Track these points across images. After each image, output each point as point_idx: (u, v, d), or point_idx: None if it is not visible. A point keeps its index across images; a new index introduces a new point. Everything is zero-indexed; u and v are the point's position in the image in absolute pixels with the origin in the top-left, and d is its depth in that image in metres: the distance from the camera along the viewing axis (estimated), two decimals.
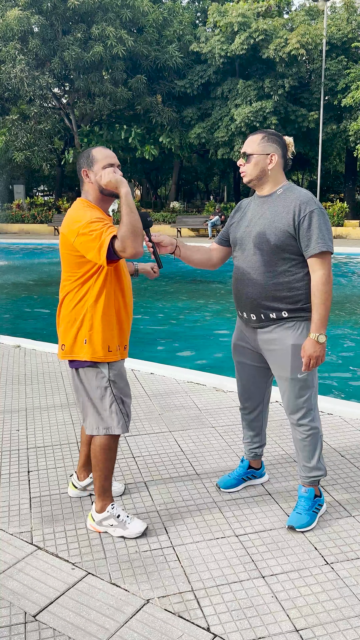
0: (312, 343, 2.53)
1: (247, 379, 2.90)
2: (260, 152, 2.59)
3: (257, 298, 2.63)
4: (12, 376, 4.98)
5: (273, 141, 2.61)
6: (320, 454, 2.74)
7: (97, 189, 2.52)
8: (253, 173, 2.62)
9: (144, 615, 2.14)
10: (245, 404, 2.96)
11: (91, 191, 2.54)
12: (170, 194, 31.47)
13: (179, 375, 4.93)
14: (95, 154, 2.53)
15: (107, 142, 25.16)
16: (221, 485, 3.03)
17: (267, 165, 2.60)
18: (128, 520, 2.64)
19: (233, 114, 23.22)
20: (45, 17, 22.42)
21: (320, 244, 2.49)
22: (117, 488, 3.02)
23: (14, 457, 3.45)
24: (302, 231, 2.51)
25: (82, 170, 2.54)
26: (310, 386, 2.65)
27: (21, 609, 2.17)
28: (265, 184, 2.64)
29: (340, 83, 23.01)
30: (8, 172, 32.04)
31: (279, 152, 2.61)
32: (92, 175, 2.51)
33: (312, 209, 2.50)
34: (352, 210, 26.29)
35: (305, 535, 2.65)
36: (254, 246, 2.62)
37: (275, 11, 24.48)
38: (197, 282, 12.68)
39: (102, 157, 2.51)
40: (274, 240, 2.54)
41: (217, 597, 2.24)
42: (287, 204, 2.55)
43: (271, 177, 2.63)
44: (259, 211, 2.65)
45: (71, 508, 2.88)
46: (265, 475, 3.15)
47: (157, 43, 24.29)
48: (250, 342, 2.78)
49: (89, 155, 2.53)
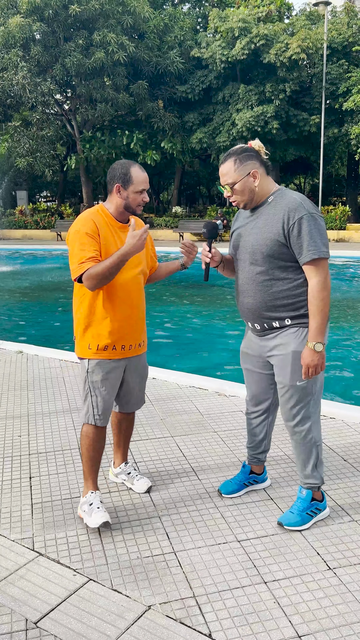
0: (309, 352, 2.50)
1: (255, 386, 2.88)
2: (242, 176, 2.54)
3: (258, 309, 2.63)
4: (15, 382, 4.98)
5: (246, 158, 2.53)
6: (315, 463, 2.71)
7: (122, 205, 2.71)
8: (244, 198, 2.58)
9: (146, 621, 2.13)
10: (252, 410, 2.94)
11: (116, 205, 2.72)
12: (173, 199, 31.51)
13: (181, 380, 4.92)
14: (134, 176, 2.67)
15: (109, 147, 25.23)
16: (223, 491, 3.02)
17: (253, 183, 2.55)
18: (95, 510, 2.75)
19: (234, 118, 23.26)
20: (47, 24, 22.54)
21: (312, 251, 2.44)
22: (140, 485, 3.09)
23: (15, 462, 3.45)
24: (292, 239, 2.47)
25: (115, 184, 2.68)
26: (309, 394, 2.62)
27: (22, 615, 2.17)
28: (258, 198, 2.60)
29: (341, 87, 23.04)
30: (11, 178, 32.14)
31: (256, 165, 2.55)
32: (123, 193, 2.68)
33: (300, 216, 2.44)
34: (354, 214, 26.28)
35: (307, 540, 2.63)
36: (249, 257, 2.61)
37: (275, 16, 24.53)
38: (199, 286, 12.68)
39: (139, 181, 2.68)
40: (266, 251, 2.53)
41: (219, 602, 2.23)
42: (277, 212, 2.51)
43: (259, 191, 2.58)
44: (253, 221, 2.63)
45: (73, 514, 2.87)
46: (267, 480, 3.13)
47: (159, 49, 24.38)
48: (256, 349, 2.77)
49: (127, 173, 2.67)
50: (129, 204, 2.70)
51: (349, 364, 6.54)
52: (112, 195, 2.72)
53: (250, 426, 2.98)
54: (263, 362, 2.78)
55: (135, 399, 3.04)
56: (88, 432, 2.82)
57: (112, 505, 2.95)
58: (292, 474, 3.26)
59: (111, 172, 2.71)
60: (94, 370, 2.77)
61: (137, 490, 3.07)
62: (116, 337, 2.76)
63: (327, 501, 2.95)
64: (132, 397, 3.02)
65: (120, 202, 2.71)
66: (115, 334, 2.75)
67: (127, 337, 2.80)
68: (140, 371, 2.98)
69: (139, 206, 2.73)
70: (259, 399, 2.89)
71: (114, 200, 2.72)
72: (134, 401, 3.05)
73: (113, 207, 2.74)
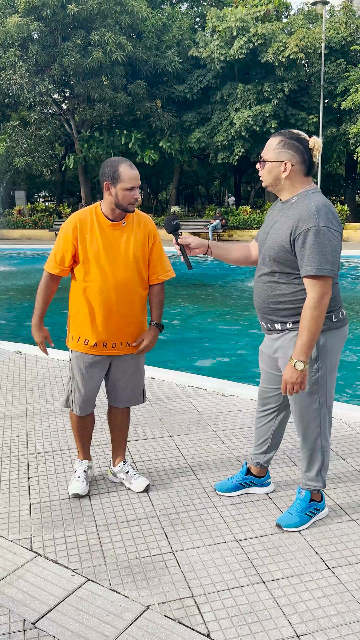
0: (289, 369, 2.42)
1: (264, 385, 2.86)
2: (274, 160, 2.47)
3: (263, 307, 2.62)
4: (13, 382, 4.97)
5: (289, 147, 2.43)
6: (320, 468, 2.69)
7: (113, 202, 2.75)
8: (267, 179, 2.52)
9: (144, 621, 2.13)
10: (260, 409, 2.93)
11: (107, 202, 2.78)
12: (171, 199, 31.50)
13: (179, 379, 4.92)
14: (123, 173, 2.69)
15: (107, 147, 25.21)
16: (217, 488, 3.03)
17: (281, 173, 2.46)
18: (75, 479, 3.06)
19: (233, 118, 23.26)
20: (45, 23, 22.51)
21: (309, 267, 2.33)
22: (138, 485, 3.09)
23: (14, 463, 3.44)
24: (297, 249, 2.39)
25: (104, 182, 2.72)
26: (315, 401, 2.57)
27: (20, 616, 2.16)
28: (282, 191, 2.53)
29: (339, 86, 23.04)
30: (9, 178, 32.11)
31: (295, 159, 2.43)
32: (112, 190, 2.72)
33: (308, 227, 2.33)
34: (352, 213, 26.29)
35: (306, 539, 2.63)
36: (262, 255, 2.60)
37: (273, 15, 24.53)
38: (197, 286, 12.68)
39: (128, 178, 2.70)
40: (273, 255, 2.50)
41: (217, 602, 2.23)
42: (291, 216, 2.43)
43: (286, 185, 2.49)
44: (274, 219, 2.58)
45: (71, 514, 2.87)
46: (269, 485, 3.07)
47: (157, 48, 24.37)
48: (268, 348, 2.75)
49: (116, 171, 2.70)
50: (118, 201, 2.73)
51: (348, 363, 6.54)
52: (105, 194, 2.78)
53: (257, 424, 2.96)
54: (273, 362, 2.75)
55: (123, 397, 3.06)
56: (72, 416, 3.08)
57: (110, 505, 2.95)
58: (291, 474, 3.26)
59: (101, 170, 2.76)
60: (74, 362, 2.94)
61: (134, 490, 3.07)
62: (96, 334, 2.86)
63: (326, 500, 2.94)
64: (118, 394, 3.05)
65: (110, 199, 2.75)
66: (95, 331, 2.86)
67: (109, 335, 2.87)
68: (124, 369, 2.99)
69: (131, 204, 2.75)
70: (266, 398, 2.87)
71: (106, 198, 2.78)
72: (121, 398, 3.06)
73: (106, 205, 2.80)
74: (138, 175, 2.74)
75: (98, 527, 2.75)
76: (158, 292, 2.99)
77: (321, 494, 2.80)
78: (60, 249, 2.82)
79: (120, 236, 2.83)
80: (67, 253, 2.81)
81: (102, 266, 2.79)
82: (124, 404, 3.08)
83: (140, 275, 2.90)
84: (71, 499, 3.00)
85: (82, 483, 3.03)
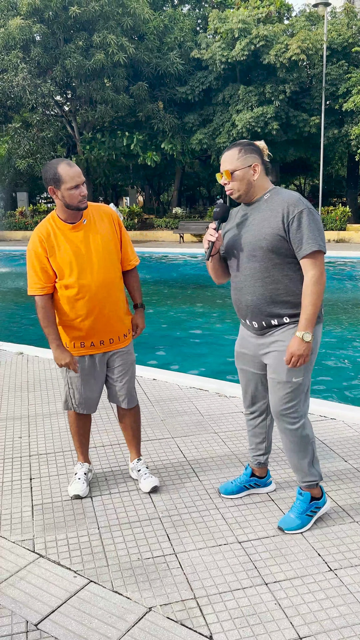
0: (297, 341, 2.49)
1: (250, 386, 2.87)
2: (243, 166, 2.55)
3: (258, 305, 2.61)
4: (15, 383, 4.98)
5: (250, 152, 2.56)
6: (311, 460, 2.70)
7: (63, 205, 2.74)
8: (241, 188, 2.59)
9: (146, 623, 2.12)
10: (248, 411, 2.94)
11: (59, 207, 2.78)
12: (173, 200, 31.50)
13: (181, 381, 4.92)
14: (63, 174, 2.67)
15: (109, 149, 25.24)
16: (221, 491, 3.02)
17: (252, 176, 2.57)
18: (75, 481, 3.06)
19: (234, 119, 23.26)
20: (47, 25, 22.55)
21: (311, 244, 2.45)
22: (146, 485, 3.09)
23: (16, 464, 3.45)
24: (292, 232, 2.48)
25: (48, 187, 2.72)
26: (302, 391, 2.63)
27: (23, 617, 2.16)
28: (254, 194, 2.62)
29: (341, 88, 23.03)
30: (11, 180, 32.15)
31: (259, 161, 2.58)
32: (58, 194, 2.71)
33: (300, 209, 2.47)
34: (354, 214, 26.27)
35: (308, 541, 2.63)
36: (247, 254, 2.60)
37: (275, 17, 24.54)
38: (198, 287, 12.68)
39: (69, 177, 2.67)
40: (266, 245, 2.52)
41: (219, 604, 2.22)
42: (275, 207, 2.53)
43: (257, 186, 2.60)
44: (247, 218, 2.63)
45: (73, 515, 2.87)
46: (271, 484, 3.10)
47: (158, 50, 24.39)
48: (252, 348, 2.76)
49: (56, 173, 2.68)
50: (67, 202, 2.71)
51: (348, 364, 6.53)
52: (54, 199, 2.78)
53: (249, 427, 2.97)
54: (258, 362, 2.76)
55: (121, 395, 3.07)
56: (70, 415, 3.11)
57: (112, 506, 2.95)
58: (292, 474, 3.25)
59: (43, 177, 2.75)
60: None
61: (142, 489, 3.08)
62: (88, 335, 2.87)
63: (328, 501, 2.94)
64: (115, 392, 3.07)
65: (60, 203, 2.75)
66: (87, 333, 2.87)
67: (103, 334, 2.90)
68: (116, 365, 3.01)
69: (80, 202, 2.72)
70: (255, 399, 2.88)
71: (57, 204, 2.78)
72: (120, 397, 3.08)
73: (59, 210, 2.80)
74: (79, 172, 2.71)
75: (100, 528, 2.75)
76: (134, 275, 3.09)
77: (321, 488, 2.79)
78: (37, 268, 2.78)
79: (86, 235, 2.81)
80: (46, 268, 2.78)
81: (78, 271, 2.77)
82: (122, 403, 3.09)
83: (116, 267, 2.90)
84: (73, 501, 3.00)
85: (83, 484, 3.04)
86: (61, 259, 2.77)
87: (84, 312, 2.82)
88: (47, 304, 2.82)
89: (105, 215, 2.91)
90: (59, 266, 2.77)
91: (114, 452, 3.58)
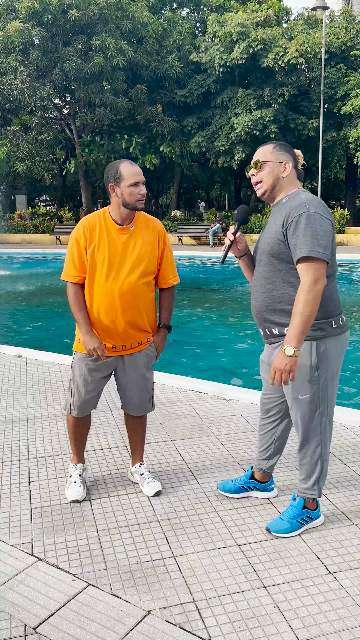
0: (280, 355, 2.34)
1: (266, 394, 2.85)
2: (274, 160, 2.52)
3: (261, 311, 2.60)
4: (14, 386, 4.97)
5: (285, 150, 2.55)
6: (318, 477, 2.67)
7: (121, 203, 2.76)
8: (268, 181, 2.53)
9: (145, 626, 2.12)
10: (262, 415, 2.92)
11: (115, 204, 2.79)
12: (172, 203, 31.53)
13: (180, 383, 4.92)
14: (124, 171, 2.73)
15: (108, 152, 25.27)
16: (220, 487, 3.03)
17: (282, 172, 2.52)
18: (72, 485, 3.05)
19: (233, 122, 23.31)
20: (46, 29, 22.60)
21: (302, 249, 2.32)
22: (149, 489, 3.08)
23: (14, 467, 3.44)
24: (289, 237, 2.40)
25: (109, 184, 2.76)
26: (315, 408, 2.55)
27: (21, 621, 2.16)
28: (278, 193, 2.56)
29: (339, 91, 23.10)
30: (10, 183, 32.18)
31: (291, 161, 2.54)
32: (118, 191, 2.74)
33: (299, 213, 2.36)
34: (353, 217, 26.32)
35: (307, 544, 2.63)
36: (258, 257, 2.60)
37: (274, 20, 24.63)
38: (198, 290, 12.69)
39: (130, 175, 2.72)
40: (268, 250, 2.50)
41: (218, 607, 2.22)
42: (284, 211, 2.47)
43: (283, 186, 2.54)
44: (268, 221, 2.62)
45: (72, 518, 2.86)
46: (273, 490, 3.07)
47: (157, 53, 24.45)
48: (267, 357, 2.73)
49: (117, 171, 2.73)
50: (126, 200, 2.74)
51: (348, 367, 6.53)
52: (111, 198, 2.80)
53: (259, 431, 2.95)
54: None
55: (134, 403, 3.06)
56: (68, 418, 3.09)
57: (111, 509, 2.94)
58: (292, 479, 3.25)
59: (105, 175, 2.80)
60: (77, 364, 2.95)
61: (145, 493, 3.08)
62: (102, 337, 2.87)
63: (327, 505, 2.94)
64: (127, 400, 3.06)
65: (118, 201, 2.77)
66: (102, 335, 2.87)
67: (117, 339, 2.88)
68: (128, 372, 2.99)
69: (139, 201, 2.76)
70: (267, 407, 2.86)
71: (114, 201, 2.80)
72: (132, 405, 3.07)
73: (114, 208, 2.82)
74: (140, 172, 2.76)
75: (99, 531, 2.74)
76: (169, 295, 3.08)
77: (317, 502, 2.77)
78: (76, 255, 2.81)
79: (128, 240, 2.82)
80: (83, 258, 2.81)
81: (108, 272, 2.78)
82: (133, 412, 3.09)
83: (147, 278, 2.88)
84: (72, 504, 3.00)
85: (80, 488, 3.03)
86: (98, 255, 2.78)
87: (105, 313, 2.82)
88: (78, 291, 2.85)
89: (154, 229, 2.92)
90: (94, 260, 2.79)
91: (113, 455, 3.57)
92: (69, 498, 3.00)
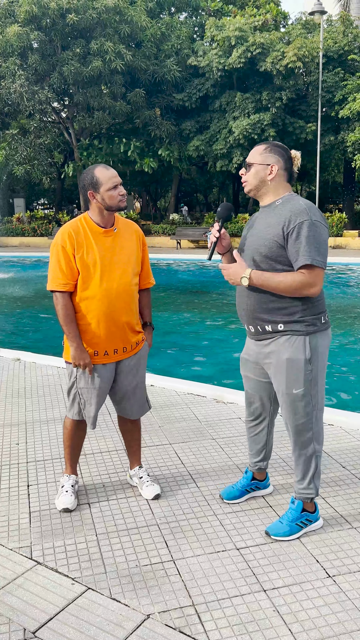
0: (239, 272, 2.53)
1: (252, 393, 2.87)
2: (260, 162, 2.57)
3: (253, 309, 2.62)
4: (12, 389, 4.97)
5: (275, 152, 2.57)
6: (313, 475, 2.68)
7: (103, 207, 2.77)
8: (253, 182, 2.60)
9: (145, 630, 2.12)
10: (250, 418, 2.93)
11: (97, 209, 2.80)
12: (170, 206, 31.59)
13: (179, 387, 4.91)
14: (100, 176, 2.73)
15: (106, 155, 25.33)
16: (224, 497, 3.01)
17: (267, 175, 2.56)
18: (63, 494, 2.99)
19: (231, 126, 23.38)
20: (45, 33, 22.67)
21: (305, 257, 2.40)
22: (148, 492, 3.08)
23: (13, 470, 3.43)
24: (290, 242, 2.45)
25: (88, 192, 2.75)
26: (308, 402, 2.59)
27: (20, 625, 2.15)
28: (265, 195, 2.61)
29: (337, 95, 23.19)
30: (8, 186, 32.19)
31: (280, 164, 2.56)
32: (98, 197, 2.75)
33: (302, 220, 2.41)
34: (351, 221, 26.38)
35: (306, 547, 2.63)
36: (249, 257, 2.61)
37: (272, 25, 24.74)
38: (196, 293, 12.69)
39: (107, 179, 2.73)
40: (264, 251, 2.53)
41: (218, 611, 2.22)
42: (281, 214, 2.50)
43: (271, 189, 2.59)
44: (258, 222, 2.65)
45: (71, 522, 2.86)
46: (269, 486, 3.12)
47: (156, 57, 24.53)
48: (254, 355, 2.75)
49: (93, 177, 2.73)
50: (107, 204, 2.75)
51: (347, 370, 6.54)
52: (91, 204, 2.81)
53: (249, 434, 2.97)
54: (260, 369, 2.76)
55: (135, 408, 3.06)
56: (66, 424, 3.05)
57: (110, 513, 2.94)
58: (291, 481, 3.25)
59: (80, 184, 2.83)
60: (81, 377, 2.89)
61: (144, 496, 3.07)
62: (104, 343, 2.85)
63: (326, 508, 2.94)
64: (129, 404, 3.05)
65: (99, 205, 2.78)
66: (104, 341, 2.85)
67: (118, 342, 2.88)
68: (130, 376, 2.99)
69: (120, 201, 2.77)
70: (256, 406, 2.88)
71: (95, 207, 2.80)
72: (134, 410, 3.07)
73: (94, 213, 2.82)
74: (116, 174, 2.78)
75: (98, 535, 2.74)
76: (148, 294, 3.15)
77: (315, 505, 2.77)
78: (63, 262, 2.75)
79: (114, 242, 2.84)
80: (71, 264, 2.76)
81: (101, 275, 2.78)
82: (129, 415, 3.09)
83: (135, 280, 2.93)
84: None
85: (71, 497, 2.98)
86: (88, 259, 2.76)
87: (102, 317, 2.80)
88: (68, 301, 2.79)
89: (134, 232, 2.96)
90: (85, 265, 2.76)
91: (112, 459, 3.57)
92: (59, 507, 2.94)
